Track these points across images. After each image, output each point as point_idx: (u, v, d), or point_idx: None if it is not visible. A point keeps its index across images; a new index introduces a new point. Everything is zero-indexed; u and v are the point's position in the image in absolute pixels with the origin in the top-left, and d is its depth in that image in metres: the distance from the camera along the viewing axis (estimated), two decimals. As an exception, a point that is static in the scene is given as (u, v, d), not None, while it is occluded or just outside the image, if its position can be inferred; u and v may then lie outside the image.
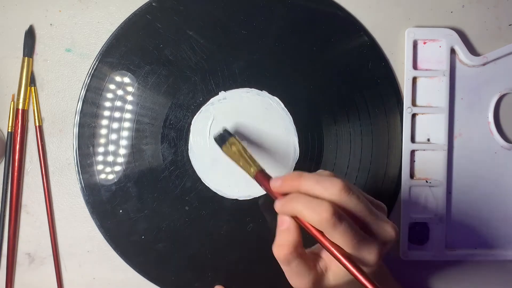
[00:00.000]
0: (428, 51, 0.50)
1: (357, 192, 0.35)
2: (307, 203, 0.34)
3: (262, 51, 0.49)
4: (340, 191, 0.34)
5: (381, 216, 0.36)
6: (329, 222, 0.33)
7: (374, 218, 0.35)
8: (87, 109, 0.48)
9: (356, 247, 0.34)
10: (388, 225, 0.36)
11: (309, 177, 0.35)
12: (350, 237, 0.33)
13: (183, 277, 0.49)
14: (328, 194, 0.34)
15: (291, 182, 0.36)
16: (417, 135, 0.50)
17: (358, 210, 0.35)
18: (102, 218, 0.48)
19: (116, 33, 0.48)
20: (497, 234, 0.51)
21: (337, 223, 0.33)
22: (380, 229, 0.36)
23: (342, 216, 0.33)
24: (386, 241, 0.36)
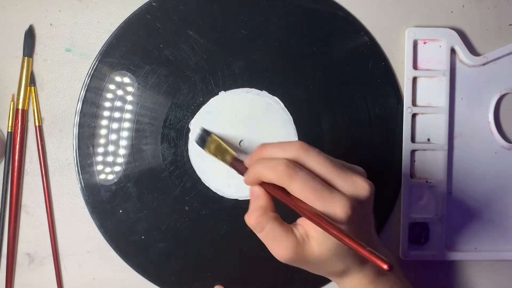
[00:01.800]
0: (428, 51, 0.50)
1: (318, 150, 0.36)
2: (265, 163, 0.35)
3: (262, 51, 0.49)
4: (298, 149, 0.35)
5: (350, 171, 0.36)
6: (285, 174, 0.34)
7: (339, 172, 0.35)
8: (87, 109, 0.48)
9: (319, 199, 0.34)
10: (358, 178, 0.35)
11: (270, 144, 0.37)
12: (310, 188, 0.34)
13: (183, 277, 0.49)
14: (287, 154, 0.35)
15: (256, 153, 0.37)
16: (417, 135, 0.50)
17: (319, 165, 0.35)
18: (102, 218, 0.48)
19: (116, 33, 0.48)
20: (497, 234, 0.51)
21: (292, 174, 0.34)
22: (348, 183, 0.35)
23: (298, 167, 0.34)
24: (357, 195, 0.35)
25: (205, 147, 0.46)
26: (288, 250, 0.35)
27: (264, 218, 0.36)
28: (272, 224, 0.35)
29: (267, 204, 0.36)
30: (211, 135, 0.46)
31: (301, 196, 0.34)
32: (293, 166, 0.34)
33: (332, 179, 0.35)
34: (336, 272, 0.38)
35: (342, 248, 0.35)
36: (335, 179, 0.35)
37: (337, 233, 0.32)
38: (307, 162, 0.35)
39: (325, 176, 0.35)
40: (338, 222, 0.34)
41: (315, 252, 0.35)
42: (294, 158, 0.35)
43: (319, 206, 0.34)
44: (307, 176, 0.34)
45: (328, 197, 0.34)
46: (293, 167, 0.34)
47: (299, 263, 0.36)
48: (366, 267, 0.38)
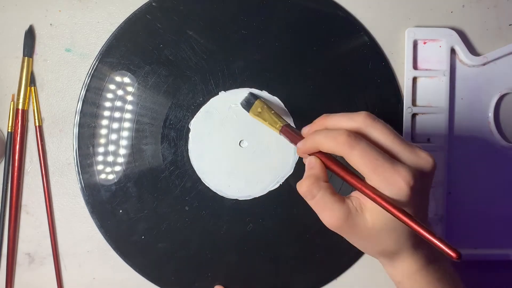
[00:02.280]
0: (428, 51, 0.50)
1: (383, 122, 0.35)
2: (325, 133, 0.35)
3: (262, 51, 0.49)
4: (364, 119, 0.35)
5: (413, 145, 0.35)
6: (346, 143, 0.33)
7: (403, 143, 0.34)
8: (87, 109, 0.48)
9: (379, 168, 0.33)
10: (421, 151, 0.35)
11: (334, 114, 0.37)
12: (371, 158, 0.33)
13: (183, 277, 0.49)
14: (353, 124, 0.35)
15: (319, 121, 0.37)
16: (417, 135, 0.50)
17: (383, 136, 0.34)
18: (102, 218, 0.48)
19: (116, 33, 0.48)
20: (497, 234, 0.51)
21: (353, 143, 0.33)
22: (411, 155, 0.34)
23: (359, 137, 0.34)
24: (420, 167, 0.34)
25: (250, 110, 0.46)
26: (338, 218, 0.35)
27: (315, 186, 0.35)
28: (323, 193, 0.35)
29: (321, 174, 0.36)
30: (258, 99, 0.46)
31: (361, 165, 0.33)
32: (354, 136, 0.34)
33: (396, 151, 0.34)
34: (386, 252, 0.37)
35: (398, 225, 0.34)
36: (399, 151, 0.34)
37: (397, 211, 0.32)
38: (371, 132, 0.35)
39: (389, 147, 0.34)
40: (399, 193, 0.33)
41: (368, 224, 0.35)
42: (359, 128, 0.35)
43: (378, 177, 0.33)
44: (369, 146, 0.33)
45: (390, 167, 0.33)
46: (354, 137, 0.33)
47: (348, 233, 0.36)
48: (419, 251, 0.37)
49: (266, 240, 0.49)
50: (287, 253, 0.49)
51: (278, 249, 0.49)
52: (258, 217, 0.49)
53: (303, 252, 0.49)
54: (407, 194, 0.33)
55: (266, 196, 0.49)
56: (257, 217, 0.49)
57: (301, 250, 0.49)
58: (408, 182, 0.33)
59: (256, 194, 0.49)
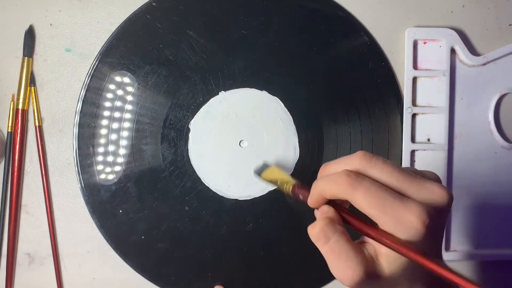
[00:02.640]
0: (428, 51, 0.50)
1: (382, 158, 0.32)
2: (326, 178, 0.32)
3: (262, 51, 0.49)
4: (361, 159, 0.32)
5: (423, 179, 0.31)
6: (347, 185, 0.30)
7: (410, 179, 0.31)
8: (87, 109, 0.48)
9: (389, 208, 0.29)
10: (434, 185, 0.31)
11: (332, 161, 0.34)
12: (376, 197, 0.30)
13: (183, 277, 0.49)
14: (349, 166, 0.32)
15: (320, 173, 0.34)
16: (417, 135, 0.50)
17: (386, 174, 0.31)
18: (102, 218, 0.48)
19: (116, 33, 0.48)
20: (497, 234, 0.51)
21: (355, 183, 0.30)
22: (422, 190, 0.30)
23: (360, 176, 0.31)
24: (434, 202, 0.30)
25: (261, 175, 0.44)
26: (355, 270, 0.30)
27: (330, 228, 0.31)
28: (339, 237, 0.31)
29: (335, 217, 0.32)
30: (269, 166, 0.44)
31: (367, 207, 0.30)
32: (355, 175, 0.31)
33: (403, 188, 0.31)
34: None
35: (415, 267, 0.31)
36: (407, 187, 0.30)
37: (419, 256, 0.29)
38: (372, 171, 0.31)
39: (395, 185, 0.31)
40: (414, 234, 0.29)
41: (385, 272, 0.31)
42: (357, 169, 0.31)
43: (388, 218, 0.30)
44: (372, 185, 0.30)
45: (400, 205, 0.29)
46: (355, 176, 0.30)
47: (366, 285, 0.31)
48: None
49: (266, 240, 0.49)
50: (287, 253, 0.49)
51: (278, 249, 0.49)
52: (258, 217, 0.49)
53: (303, 252, 0.49)
54: (422, 233, 0.29)
55: (266, 196, 0.49)
56: (257, 217, 0.49)
57: (301, 250, 0.49)
58: (423, 221, 0.29)
59: (256, 194, 0.49)
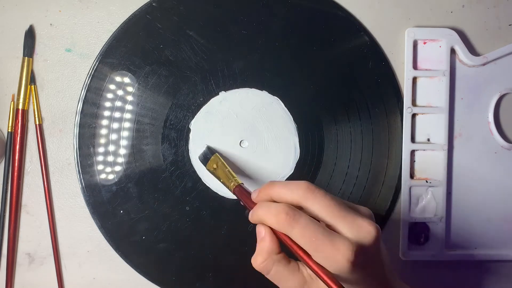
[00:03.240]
0: (428, 51, 0.50)
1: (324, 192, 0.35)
2: (267, 208, 0.35)
3: (262, 51, 0.49)
4: (304, 190, 0.35)
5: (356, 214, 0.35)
6: (285, 222, 0.34)
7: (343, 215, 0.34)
8: (87, 109, 0.48)
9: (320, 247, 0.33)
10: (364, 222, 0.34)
11: (279, 183, 0.36)
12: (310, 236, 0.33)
13: (184, 277, 0.49)
14: (293, 196, 0.35)
15: (264, 190, 0.37)
16: (417, 135, 0.50)
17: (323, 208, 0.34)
18: (102, 218, 0.48)
19: (116, 33, 0.48)
20: (497, 234, 0.51)
21: (292, 222, 0.33)
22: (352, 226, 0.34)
23: (298, 214, 0.34)
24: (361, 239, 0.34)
25: (207, 164, 0.46)
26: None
27: (269, 262, 0.35)
28: (277, 267, 0.35)
29: (272, 247, 0.36)
30: (215, 153, 0.46)
31: (302, 244, 0.33)
32: (293, 213, 0.34)
33: (335, 224, 0.34)
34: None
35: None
36: (339, 223, 0.34)
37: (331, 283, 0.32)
38: (311, 204, 0.34)
39: (329, 220, 0.34)
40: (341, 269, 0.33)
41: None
42: (299, 200, 0.35)
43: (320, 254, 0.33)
44: (309, 223, 0.33)
45: (329, 244, 0.33)
46: (293, 215, 0.34)
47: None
48: None
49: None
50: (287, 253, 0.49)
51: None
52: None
53: (304, 252, 0.49)
54: (349, 269, 0.33)
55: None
56: (258, 217, 0.49)
57: (301, 250, 0.49)
58: (348, 259, 0.32)
59: (257, 194, 0.49)
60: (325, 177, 0.49)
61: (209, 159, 0.46)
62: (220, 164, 0.45)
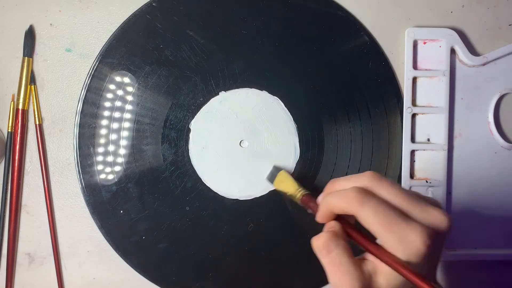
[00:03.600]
0: (428, 51, 0.50)
1: (391, 180, 0.34)
2: (336, 193, 0.34)
3: (262, 51, 0.49)
4: (370, 179, 0.33)
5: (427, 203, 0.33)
6: (356, 201, 0.32)
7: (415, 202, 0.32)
8: (87, 109, 0.48)
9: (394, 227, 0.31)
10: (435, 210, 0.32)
11: (341, 178, 0.35)
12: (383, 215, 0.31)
13: (184, 277, 0.49)
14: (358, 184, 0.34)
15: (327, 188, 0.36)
16: (417, 135, 0.50)
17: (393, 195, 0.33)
18: (102, 218, 0.48)
19: (116, 33, 0.48)
20: (497, 234, 0.51)
21: (364, 200, 0.32)
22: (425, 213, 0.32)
23: (370, 194, 0.32)
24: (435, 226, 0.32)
25: (274, 182, 0.46)
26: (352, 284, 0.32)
27: (333, 241, 0.33)
28: (340, 251, 0.33)
29: (340, 232, 0.34)
30: (281, 170, 0.47)
31: (373, 223, 0.31)
32: (365, 192, 0.32)
33: (408, 209, 0.32)
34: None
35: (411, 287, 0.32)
36: (412, 209, 0.32)
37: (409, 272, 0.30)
38: (380, 191, 0.33)
39: (400, 206, 0.32)
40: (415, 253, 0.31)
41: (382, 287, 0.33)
42: (366, 187, 0.33)
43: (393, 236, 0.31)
44: (380, 203, 0.32)
45: (404, 225, 0.31)
46: (365, 194, 0.32)
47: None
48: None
49: (267, 240, 0.49)
50: (287, 253, 0.49)
51: (279, 249, 0.49)
52: (259, 217, 0.49)
53: (304, 252, 0.49)
54: (423, 254, 0.31)
55: (267, 196, 0.49)
56: (258, 217, 0.49)
57: (301, 250, 0.49)
58: (425, 241, 0.31)
59: (257, 194, 0.49)
60: (325, 177, 0.49)
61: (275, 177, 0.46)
62: (288, 179, 0.45)
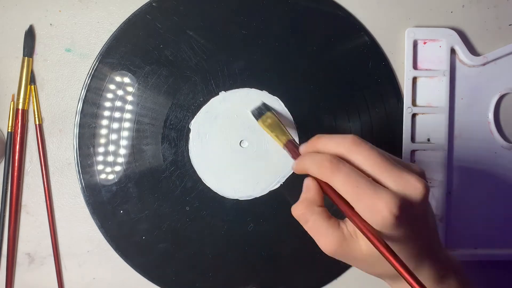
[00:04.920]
0: (428, 51, 0.50)
1: (370, 145, 0.34)
2: (312, 157, 0.35)
3: (262, 51, 0.49)
4: (350, 143, 0.34)
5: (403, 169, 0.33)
6: (328, 170, 0.33)
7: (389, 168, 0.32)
8: (87, 109, 0.48)
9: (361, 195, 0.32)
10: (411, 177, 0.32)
11: (325, 136, 0.36)
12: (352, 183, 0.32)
13: (184, 277, 0.49)
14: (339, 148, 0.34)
15: (311, 143, 0.37)
16: (417, 135, 0.50)
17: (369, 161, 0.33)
18: (102, 218, 0.48)
19: (116, 33, 0.48)
20: (497, 234, 0.51)
21: (335, 169, 0.33)
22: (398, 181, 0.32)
23: (342, 163, 0.33)
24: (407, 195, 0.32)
25: (259, 119, 0.46)
26: (331, 244, 0.34)
27: (308, 211, 0.35)
28: (316, 217, 0.34)
29: (315, 198, 0.35)
30: (271, 110, 0.46)
31: (343, 192, 0.32)
32: (337, 161, 0.33)
33: (380, 176, 0.32)
34: (386, 274, 0.36)
35: None
36: (384, 176, 0.32)
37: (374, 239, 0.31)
38: (356, 157, 0.33)
39: (373, 173, 0.33)
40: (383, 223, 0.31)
41: (363, 250, 0.34)
42: (345, 152, 0.34)
43: (361, 204, 0.32)
44: (352, 171, 0.32)
45: (372, 194, 0.31)
46: (336, 163, 0.33)
47: (345, 258, 0.35)
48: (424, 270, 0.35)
49: (267, 240, 0.49)
50: (287, 253, 0.49)
51: (279, 249, 0.49)
52: (258, 217, 0.49)
53: (304, 252, 0.49)
54: (391, 224, 0.31)
55: (267, 196, 0.49)
56: (258, 217, 0.49)
57: (301, 250, 0.49)
58: (391, 211, 0.31)
59: (257, 194, 0.49)
60: (325, 177, 0.49)
61: (263, 114, 0.46)
62: (275, 120, 0.45)
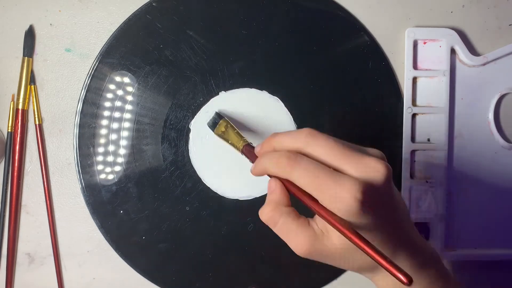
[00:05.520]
0: (428, 51, 0.50)
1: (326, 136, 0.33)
2: (269, 156, 0.34)
3: (262, 51, 0.49)
4: (306, 136, 0.33)
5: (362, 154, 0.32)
6: (287, 166, 0.32)
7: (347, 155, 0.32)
8: (87, 109, 0.48)
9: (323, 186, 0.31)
10: (371, 160, 0.32)
11: (280, 133, 0.35)
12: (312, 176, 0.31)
13: (184, 277, 0.49)
14: (296, 142, 0.34)
15: (267, 141, 0.36)
16: (417, 135, 0.50)
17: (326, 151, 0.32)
18: (102, 218, 0.48)
19: (116, 33, 0.48)
20: (497, 234, 0.51)
21: (294, 164, 0.32)
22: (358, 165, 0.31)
23: (300, 157, 0.32)
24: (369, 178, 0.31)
25: (215, 129, 0.46)
26: (304, 244, 0.33)
27: (276, 213, 0.34)
28: (285, 219, 0.34)
29: (280, 199, 0.34)
30: (223, 118, 0.46)
31: (305, 186, 0.32)
32: (294, 156, 0.32)
33: (340, 164, 0.32)
34: (366, 267, 0.35)
35: None
36: (343, 164, 0.32)
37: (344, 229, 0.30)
38: (314, 148, 0.33)
39: (333, 162, 0.32)
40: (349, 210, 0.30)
41: (337, 245, 0.33)
42: (301, 146, 0.33)
43: (324, 195, 0.31)
44: (310, 164, 0.32)
45: (333, 183, 0.31)
46: (294, 157, 0.32)
47: (320, 257, 0.34)
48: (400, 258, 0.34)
49: (267, 240, 0.49)
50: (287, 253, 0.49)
51: (279, 249, 0.49)
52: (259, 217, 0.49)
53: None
54: (358, 210, 0.30)
55: (267, 196, 0.49)
56: (258, 217, 0.49)
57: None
58: (355, 197, 0.30)
59: (257, 194, 0.49)
60: (325, 177, 0.49)
61: (217, 124, 0.46)
62: (229, 127, 0.45)
